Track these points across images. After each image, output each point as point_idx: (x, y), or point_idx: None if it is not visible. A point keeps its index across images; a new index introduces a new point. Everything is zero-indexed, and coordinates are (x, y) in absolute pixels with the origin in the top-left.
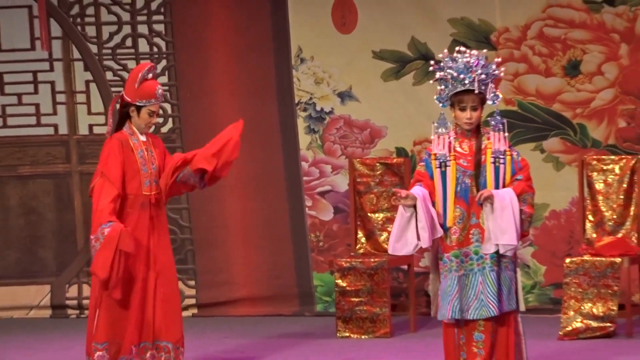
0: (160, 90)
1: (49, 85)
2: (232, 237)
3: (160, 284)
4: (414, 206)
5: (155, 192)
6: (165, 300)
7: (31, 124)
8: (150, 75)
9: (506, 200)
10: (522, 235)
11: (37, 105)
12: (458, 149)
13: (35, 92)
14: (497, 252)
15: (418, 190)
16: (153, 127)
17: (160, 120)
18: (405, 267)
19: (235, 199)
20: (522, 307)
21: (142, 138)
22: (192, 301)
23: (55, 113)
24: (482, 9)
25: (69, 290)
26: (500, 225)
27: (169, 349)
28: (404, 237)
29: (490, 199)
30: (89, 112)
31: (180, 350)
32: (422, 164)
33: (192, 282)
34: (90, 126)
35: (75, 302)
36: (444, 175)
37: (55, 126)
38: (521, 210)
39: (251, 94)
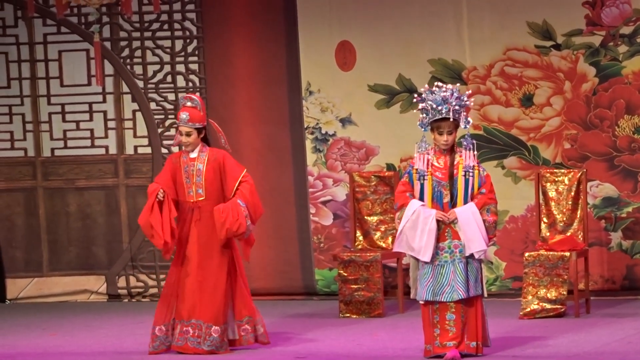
0: (183, 115)
1: (102, 114)
2: None
3: (200, 273)
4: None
5: (198, 200)
6: (202, 285)
7: (87, 145)
8: (188, 104)
9: (468, 216)
10: (490, 238)
11: (91, 130)
12: (435, 163)
13: (91, 119)
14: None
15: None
16: (190, 147)
17: None
18: (394, 263)
19: None
20: (485, 294)
21: (192, 155)
22: None
23: (106, 136)
24: (455, 51)
25: (119, 280)
26: (469, 236)
27: (201, 326)
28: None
29: (455, 219)
30: (135, 136)
31: (215, 329)
32: (407, 175)
33: None
34: (135, 147)
35: (125, 290)
36: (422, 186)
37: (107, 147)
38: (484, 220)
39: (268, 120)
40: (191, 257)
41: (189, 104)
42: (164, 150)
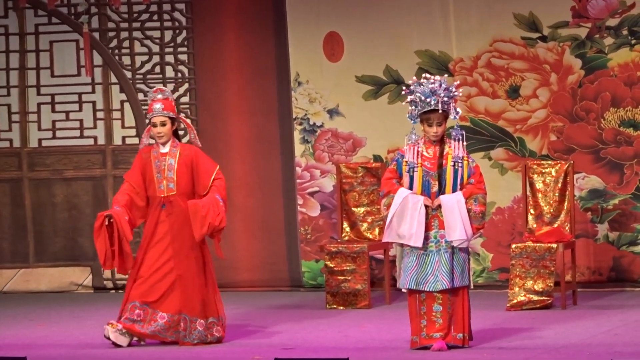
0: (157, 106)
1: (91, 104)
2: (237, 229)
3: (176, 267)
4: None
5: (169, 194)
6: (181, 280)
7: (75, 136)
8: (159, 96)
9: (453, 204)
10: (477, 229)
11: (80, 121)
12: (424, 153)
13: (80, 110)
14: None
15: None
16: (165, 138)
17: (181, 132)
18: (381, 255)
19: (240, 197)
20: (472, 285)
21: (163, 150)
22: None
23: (95, 127)
24: (442, 43)
25: (104, 272)
26: (450, 224)
27: (186, 320)
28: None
29: (440, 206)
30: (123, 126)
31: (200, 322)
32: (394, 162)
33: None
34: (123, 138)
35: (110, 282)
36: (411, 178)
37: (95, 138)
38: (470, 210)
39: (257, 111)
40: (164, 252)
41: (159, 96)
42: (151, 141)
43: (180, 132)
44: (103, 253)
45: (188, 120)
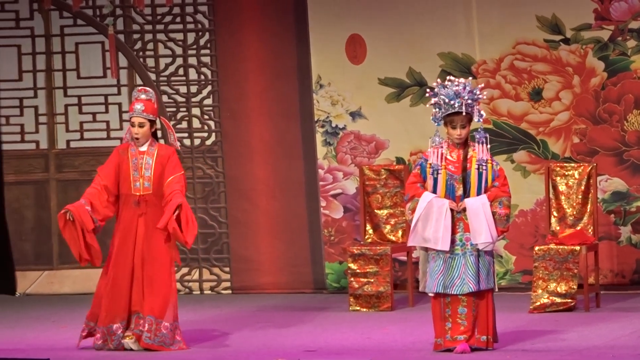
0: (138, 106)
1: (117, 106)
2: (260, 232)
3: (146, 268)
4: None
5: (145, 193)
6: (149, 281)
7: (102, 137)
8: (143, 96)
9: (478, 207)
10: (502, 231)
11: (107, 122)
12: (448, 157)
13: (106, 111)
14: None
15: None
16: (142, 139)
17: (205, 134)
18: (404, 257)
19: (263, 200)
20: (496, 288)
21: (142, 148)
22: (227, 284)
23: (121, 128)
24: (465, 45)
25: None
26: (475, 228)
27: (152, 322)
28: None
29: (465, 209)
30: None
31: (165, 325)
32: (418, 167)
33: (227, 269)
34: None
35: None
36: (435, 181)
37: (122, 139)
38: (494, 213)
39: (279, 113)
40: (135, 250)
41: (143, 96)
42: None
43: (204, 134)
44: (76, 250)
45: (170, 123)
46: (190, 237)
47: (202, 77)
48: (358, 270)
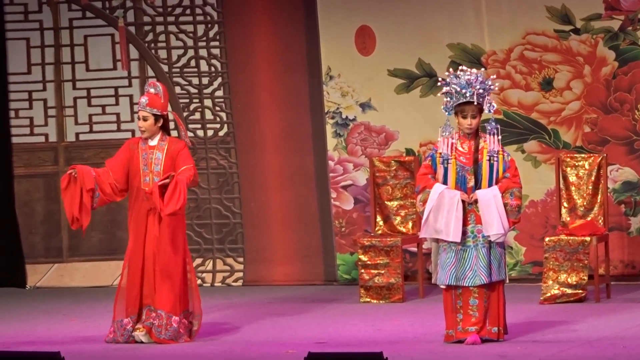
0: (143, 100)
1: (128, 98)
2: (272, 222)
3: (157, 261)
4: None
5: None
6: (161, 274)
7: (112, 129)
8: (151, 90)
9: (489, 199)
10: (513, 222)
11: (117, 115)
12: (459, 148)
13: (117, 103)
14: None
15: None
16: (146, 133)
17: (217, 126)
18: (415, 248)
19: (275, 191)
20: (507, 280)
21: (152, 143)
22: (241, 274)
23: (132, 121)
24: (474, 35)
25: None
26: (487, 219)
27: (162, 316)
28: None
29: (476, 201)
30: None
31: (175, 319)
32: (429, 158)
33: (241, 259)
34: None
35: None
36: (445, 170)
37: (132, 131)
38: (506, 204)
39: (289, 104)
40: (146, 244)
41: (152, 90)
42: (189, 134)
43: (217, 126)
44: (70, 211)
45: (180, 118)
46: (169, 208)
47: (213, 68)
48: (369, 262)
